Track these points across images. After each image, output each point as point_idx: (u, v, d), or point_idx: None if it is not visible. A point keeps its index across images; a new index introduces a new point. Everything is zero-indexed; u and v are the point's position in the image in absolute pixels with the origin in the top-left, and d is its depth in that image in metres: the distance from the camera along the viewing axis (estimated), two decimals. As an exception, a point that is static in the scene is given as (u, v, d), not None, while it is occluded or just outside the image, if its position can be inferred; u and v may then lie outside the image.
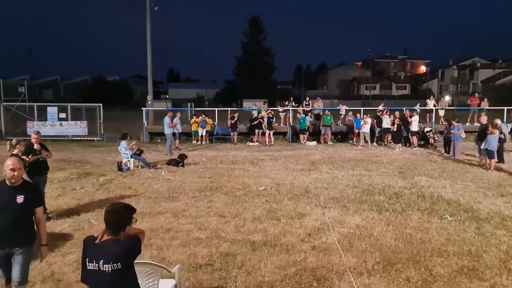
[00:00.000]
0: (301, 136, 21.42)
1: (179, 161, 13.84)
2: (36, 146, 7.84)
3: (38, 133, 8.15)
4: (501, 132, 13.94)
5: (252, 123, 21.54)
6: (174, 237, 6.91)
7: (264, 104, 24.28)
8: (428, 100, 23.88)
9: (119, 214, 3.06)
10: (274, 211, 8.39)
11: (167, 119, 17.95)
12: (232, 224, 7.53)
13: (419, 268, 5.58)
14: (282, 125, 23.77)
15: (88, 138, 22.04)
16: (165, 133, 17.96)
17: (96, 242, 3.05)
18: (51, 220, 7.88)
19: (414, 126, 18.92)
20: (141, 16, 25.74)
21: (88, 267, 2.96)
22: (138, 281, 4.10)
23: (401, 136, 19.26)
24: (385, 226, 7.40)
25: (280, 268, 5.62)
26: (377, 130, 20.32)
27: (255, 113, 23.61)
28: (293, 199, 9.38)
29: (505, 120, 20.01)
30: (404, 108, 21.57)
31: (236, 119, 21.02)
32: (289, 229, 7.26)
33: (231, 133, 21.11)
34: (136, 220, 3.25)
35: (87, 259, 2.96)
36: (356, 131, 20.85)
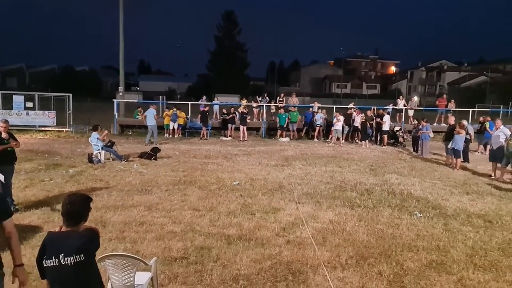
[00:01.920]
0: (279, 132, 21.53)
1: (152, 154, 13.66)
2: (4, 135, 7.56)
3: (6, 121, 7.85)
4: (467, 133, 14.46)
5: (225, 118, 21.54)
6: (148, 230, 6.83)
7: (243, 99, 24.35)
8: (398, 100, 24.47)
9: (81, 205, 2.98)
10: (248, 205, 8.42)
11: (153, 111, 18.20)
12: (207, 218, 7.51)
13: (391, 262, 5.74)
14: (255, 120, 23.86)
15: (57, 129, 21.41)
16: (149, 124, 18.07)
17: (54, 233, 2.96)
18: (19, 212, 7.64)
19: (386, 126, 19.38)
20: (112, 5, 25.25)
21: (45, 265, 2.83)
22: (115, 273, 4.08)
23: (366, 133, 19.76)
24: (358, 222, 7.56)
25: (256, 262, 5.65)
26: (346, 128, 20.57)
27: (216, 107, 23.92)
28: (267, 194, 9.44)
29: (470, 121, 20.73)
30: (374, 107, 22.08)
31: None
32: (263, 223, 7.31)
33: (202, 128, 20.68)
34: (91, 208, 3.20)
35: (45, 257, 2.84)
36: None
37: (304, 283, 5.11)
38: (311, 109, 23.60)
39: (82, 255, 2.82)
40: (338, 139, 19.79)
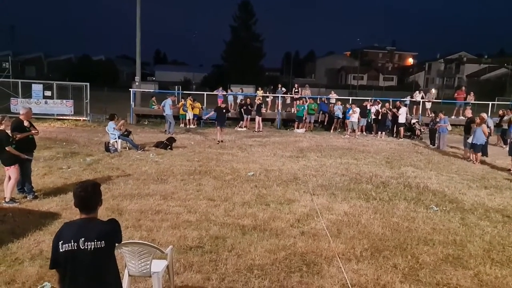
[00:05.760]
0: (296, 123, 21.43)
1: (168, 144, 13.75)
2: (26, 123, 7.70)
3: (30, 109, 8.05)
4: (487, 126, 14.17)
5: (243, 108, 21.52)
6: (164, 219, 6.90)
7: (259, 89, 24.36)
8: (417, 92, 24.20)
9: (93, 190, 2.94)
10: (263, 196, 8.44)
11: (169, 101, 18.49)
12: (222, 208, 7.56)
13: (406, 256, 5.70)
14: (269, 111, 23.82)
15: (74, 118, 21.68)
16: (166, 113, 18.35)
17: (74, 220, 2.96)
18: (38, 199, 7.80)
19: (402, 118, 19.16)
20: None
21: (61, 250, 2.77)
22: (131, 261, 4.14)
23: (385, 124, 19.62)
24: (373, 214, 7.51)
25: (270, 252, 5.67)
26: (362, 120, 20.28)
27: (230, 98, 23.91)
28: (281, 185, 9.44)
29: (489, 114, 20.33)
30: (391, 99, 21.94)
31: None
32: (278, 214, 7.32)
33: (217, 127, 16.47)
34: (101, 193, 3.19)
35: (61, 242, 2.78)
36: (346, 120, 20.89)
37: (318, 275, 5.12)
38: (324, 98, 23.55)
39: (103, 241, 2.80)
40: (353, 131, 19.65)
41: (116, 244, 3.08)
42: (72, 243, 2.77)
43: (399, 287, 4.88)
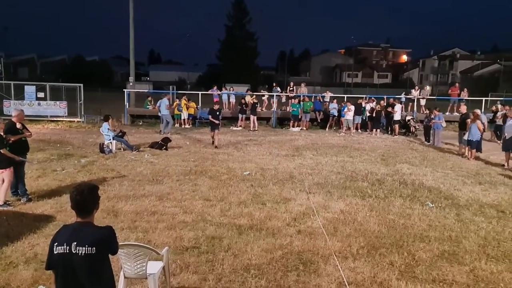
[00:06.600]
0: (291, 122, 21.43)
1: (163, 144, 13.70)
2: (18, 125, 7.64)
3: (23, 111, 7.99)
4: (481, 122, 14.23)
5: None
6: (160, 220, 6.88)
7: (248, 90, 24.38)
8: (413, 90, 24.32)
9: (89, 194, 2.90)
10: (259, 195, 8.42)
11: (165, 101, 18.39)
12: (218, 208, 7.54)
13: (402, 253, 5.71)
14: (264, 110, 23.81)
15: (68, 119, 21.56)
16: (162, 114, 18.28)
17: (70, 223, 2.95)
18: (32, 201, 7.74)
19: (397, 115, 19.23)
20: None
21: (55, 252, 2.76)
22: (127, 263, 4.11)
23: (379, 122, 19.71)
24: (369, 212, 7.53)
25: (267, 252, 5.66)
26: (357, 118, 20.32)
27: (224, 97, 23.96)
28: (277, 184, 9.43)
29: (483, 110, 20.42)
30: (385, 97, 22.03)
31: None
32: (274, 213, 7.31)
33: (212, 132, 15.01)
34: (99, 196, 3.14)
35: (56, 244, 2.78)
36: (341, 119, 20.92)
37: (315, 273, 5.11)
38: (319, 97, 23.58)
39: (94, 248, 2.76)
40: (348, 128, 19.68)
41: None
42: (65, 246, 2.76)
43: (396, 284, 4.88)
